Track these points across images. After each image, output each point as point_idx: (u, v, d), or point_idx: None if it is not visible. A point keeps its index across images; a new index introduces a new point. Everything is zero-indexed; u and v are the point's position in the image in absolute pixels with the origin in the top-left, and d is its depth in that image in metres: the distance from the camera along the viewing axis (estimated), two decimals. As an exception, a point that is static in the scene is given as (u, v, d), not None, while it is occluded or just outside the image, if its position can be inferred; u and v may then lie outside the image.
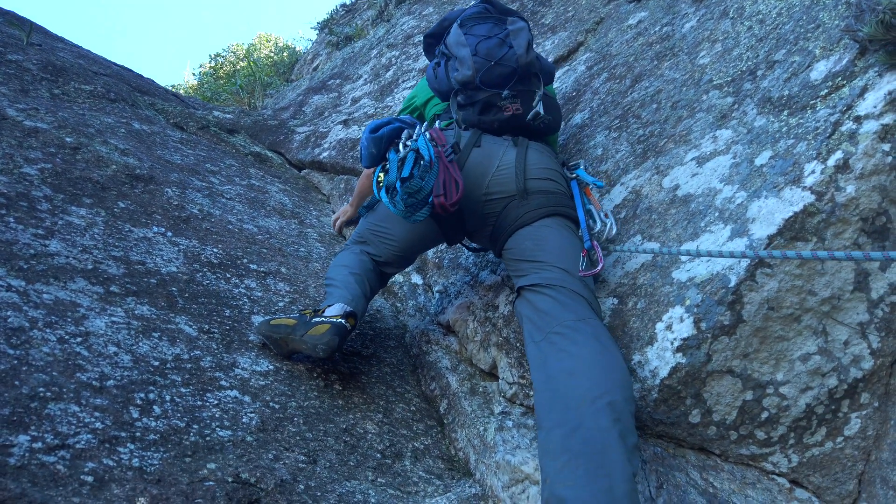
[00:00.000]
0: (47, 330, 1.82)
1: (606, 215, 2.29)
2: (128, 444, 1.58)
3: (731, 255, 1.64)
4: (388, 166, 2.26)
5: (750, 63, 2.57)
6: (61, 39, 5.65)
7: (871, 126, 1.91)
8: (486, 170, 2.35)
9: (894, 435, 1.93)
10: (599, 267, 2.08)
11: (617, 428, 1.62)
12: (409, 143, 2.28)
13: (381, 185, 2.24)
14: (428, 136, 2.28)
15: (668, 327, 1.97)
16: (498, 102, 2.45)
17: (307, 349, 2.14)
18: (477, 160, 2.37)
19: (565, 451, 1.61)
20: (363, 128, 4.99)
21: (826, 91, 2.11)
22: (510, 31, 2.51)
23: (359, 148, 2.49)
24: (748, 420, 1.96)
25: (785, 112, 2.20)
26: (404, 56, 6.00)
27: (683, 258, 2.09)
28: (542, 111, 2.51)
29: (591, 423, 1.63)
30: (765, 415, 1.95)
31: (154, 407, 1.75)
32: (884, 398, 1.98)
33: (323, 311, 2.23)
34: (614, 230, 2.25)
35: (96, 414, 1.62)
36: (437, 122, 2.65)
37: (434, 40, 2.91)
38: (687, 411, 1.95)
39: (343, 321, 2.17)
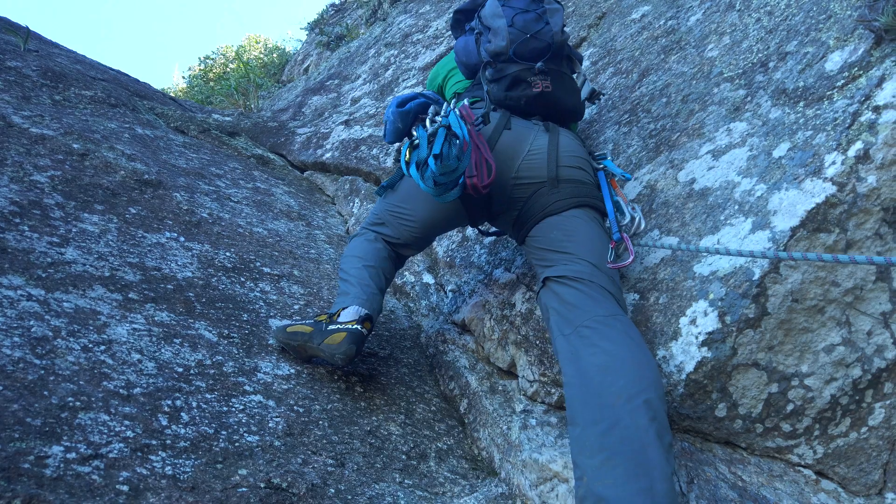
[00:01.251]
0: (71, 339, 1.81)
1: (634, 208, 2.26)
2: (159, 452, 1.57)
3: (751, 255, 1.64)
4: (416, 142, 2.21)
5: (761, 55, 2.57)
6: (56, 45, 5.61)
7: (890, 116, 1.91)
8: (517, 153, 2.30)
9: (919, 423, 1.93)
10: (630, 259, 2.06)
11: (654, 427, 1.61)
12: (437, 119, 2.23)
13: (410, 162, 2.20)
14: (458, 113, 2.23)
15: (692, 322, 1.97)
16: (528, 78, 2.40)
17: (325, 357, 2.14)
18: (507, 142, 2.31)
19: (603, 449, 1.60)
20: (365, 127, 4.98)
21: (843, 82, 2.11)
22: (547, 9, 2.48)
23: (383, 122, 2.42)
24: (774, 413, 1.96)
25: (801, 103, 2.20)
26: (403, 55, 5.98)
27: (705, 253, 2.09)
28: (596, 88, 2.48)
29: (628, 421, 1.62)
30: (790, 407, 1.95)
31: (182, 414, 1.74)
32: (907, 387, 1.98)
33: (338, 315, 2.20)
34: (643, 224, 2.21)
35: (126, 422, 1.61)
36: (464, 100, 2.55)
37: (463, 16, 2.85)
38: (713, 405, 1.95)
39: (359, 327, 2.14)
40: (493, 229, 2.76)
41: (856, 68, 2.10)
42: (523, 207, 2.31)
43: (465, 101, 2.36)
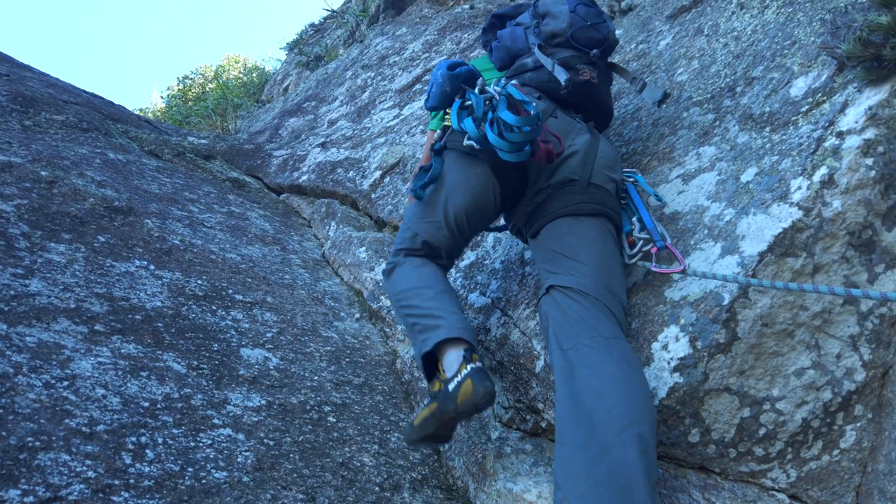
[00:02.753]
0: (32, 375, 1.77)
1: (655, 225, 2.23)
2: (122, 493, 1.53)
3: (725, 279, 1.65)
4: (468, 103, 2.21)
5: (728, 80, 2.61)
6: (28, 68, 5.55)
7: (853, 141, 1.94)
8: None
9: (889, 446, 1.94)
10: (681, 267, 1.96)
11: (643, 462, 1.56)
12: (491, 89, 2.20)
13: (470, 116, 2.17)
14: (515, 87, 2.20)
15: (664, 347, 1.97)
16: (577, 65, 2.41)
17: (471, 412, 1.88)
18: (552, 129, 2.27)
19: (589, 477, 1.56)
20: (341, 150, 4.97)
21: (807, 107, 2.14)
22: (604, 11, 2.55)
23: (428, 86, 2.36)
24: (746, 437, 1.96)
25: (767, 128, 2.23)
26: (380, 77, 6.00)
27: (675, 276, 2.10)
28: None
29: (618, 452, 1.57)
30: (762, 431, 1.95)
31: (147, 451, 1.70)
32: (877, 409, 1.99)
33: (444, 373, 1.95)
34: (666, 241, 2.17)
35: (88, 462, 1.57)
36: (513, 80, 2.44)
37: (498, 20, 2.85)
38: (686, 431, 1.95)
39: (472, 365, 1.88)
40: (502, 223, 2.66)
41: (820, 94, 2.13)
42: (544, 200, 2.26)
43: (515, 81, 2.32)
